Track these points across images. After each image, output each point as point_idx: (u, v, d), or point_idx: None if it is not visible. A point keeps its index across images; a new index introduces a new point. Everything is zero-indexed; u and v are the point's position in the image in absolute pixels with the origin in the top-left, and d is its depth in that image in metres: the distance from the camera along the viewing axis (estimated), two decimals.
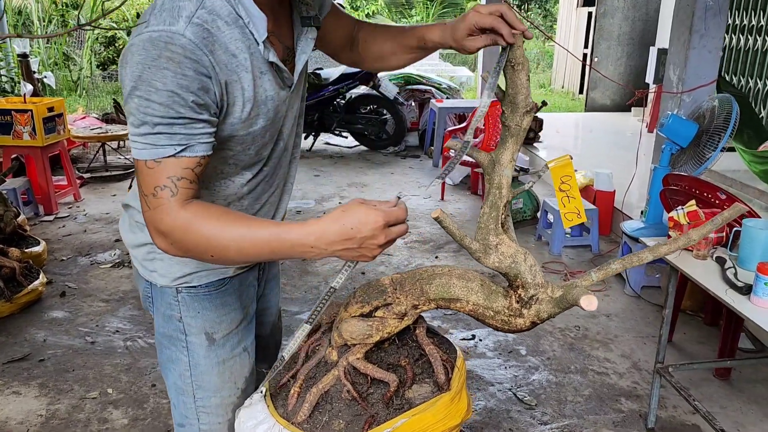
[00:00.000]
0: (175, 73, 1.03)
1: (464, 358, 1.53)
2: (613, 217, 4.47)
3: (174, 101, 1.03)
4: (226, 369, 1.43)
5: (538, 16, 16.73)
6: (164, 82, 1.02)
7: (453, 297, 1.39)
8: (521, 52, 1.27)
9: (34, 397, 2.64)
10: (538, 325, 1.38)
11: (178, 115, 1.04)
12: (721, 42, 3.66)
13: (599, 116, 8.87)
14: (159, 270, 1.34)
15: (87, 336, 3.13)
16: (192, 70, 1.04)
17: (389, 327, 1.44)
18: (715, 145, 3.17)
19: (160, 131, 1.05)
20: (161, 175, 1.06)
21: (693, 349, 3.06)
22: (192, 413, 1.45)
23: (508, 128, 1.36)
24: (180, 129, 1.06)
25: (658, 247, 1.29)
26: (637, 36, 9.26)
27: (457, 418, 1.38)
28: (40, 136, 4.72)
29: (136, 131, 1.06)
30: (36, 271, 3.54)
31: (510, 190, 1.39)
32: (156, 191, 1.07)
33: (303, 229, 1.08)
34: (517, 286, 1.36)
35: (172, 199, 1.07)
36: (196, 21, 1.05)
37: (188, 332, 1.38)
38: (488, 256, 1.36)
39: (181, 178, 1.07)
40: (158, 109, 1.03)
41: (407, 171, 6.40)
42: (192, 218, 1.07)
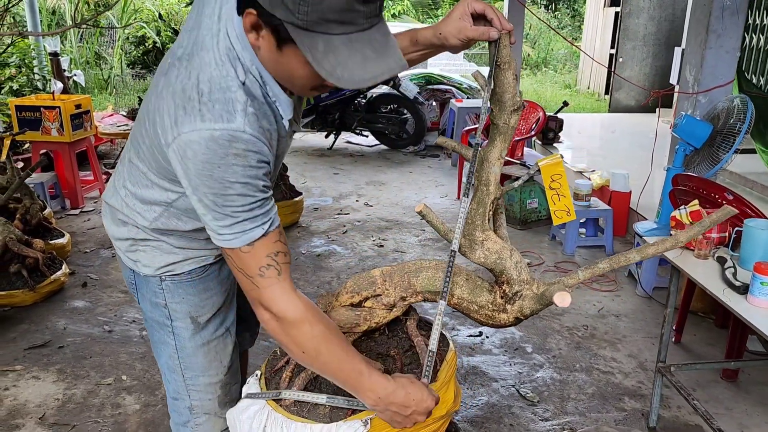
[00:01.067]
0: (244, 167, 1.09)
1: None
2: (629, 218, 4.45)
3: (248, 190, 1.11)
4: (211, 350, 1.50)
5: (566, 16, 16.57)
6: (236, 177, 1.09)
7: (438, 290, 1.43)
8: (507, 51, 1.28)
9: (52, 381, 2.75)
10: (521, 321, 1.40)
11: (255, 199, 1.13)
12: (738, 42, 3.62)
13: (623, 117, 8.78)
14: (142, 260, 1.41)
15: (105, 325, 3.24)
16: (256, 161, 1.11)
17: (377, 317, 1.49)
18: (729, 146, 3.14)
19: (245, 218, 1.13)
20: (260, 256, 1.15)
21: (702, 350, 3.04)
22: (183, 390, 1.53)
23: (497, 126, 1.38)
24: (259, 210, 1.14)
25: (645, 247, 1.30)
26: (663, 36, 9.14)
27: (442, 409, 1.42)
28: (68, 132, 4.87)
29: (219, 224, 1.14)
30: (59, 262, 3.66)
31: (498, 187, 1.42)
32: (262, 271, 1.16)
33: (382, 382, 1.23)
34: (502, 282, 1.40)
35: (281, 279, 1.17)
36: (250, 111, 1.10)
37: (173, 317, 1.46)
38: (474, 251, 1.40)
39: (278, 253, 1.17)
40: (237, 200, 1.11)
41: (426, 170, 6.43)
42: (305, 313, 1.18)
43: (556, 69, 14.81)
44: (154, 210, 1.34)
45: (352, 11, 0.97)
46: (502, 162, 1.40)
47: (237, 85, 1.11)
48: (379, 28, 1.03)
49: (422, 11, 16.50)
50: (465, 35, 1.27)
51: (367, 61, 1.01)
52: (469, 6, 1.25)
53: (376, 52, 1.02)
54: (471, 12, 1.26)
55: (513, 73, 1.32)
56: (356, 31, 1.00)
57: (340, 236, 4.53)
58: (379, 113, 6.99)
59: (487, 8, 1.26)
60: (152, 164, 1.26)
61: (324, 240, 4.44)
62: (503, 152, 1.39)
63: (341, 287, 1.53)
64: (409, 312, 1.59)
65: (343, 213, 5.04)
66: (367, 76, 1.01)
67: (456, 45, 1.30)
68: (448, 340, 1.58)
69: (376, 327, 1.51)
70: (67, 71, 6.53)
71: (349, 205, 5.23)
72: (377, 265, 3.99)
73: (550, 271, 3.95)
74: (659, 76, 9.15)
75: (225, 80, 1.10)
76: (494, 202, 1.40)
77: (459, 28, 1.27)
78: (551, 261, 4.09)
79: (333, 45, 0.99)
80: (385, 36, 1.04)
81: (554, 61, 15.29)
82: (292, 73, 1.11)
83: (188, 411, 1.56)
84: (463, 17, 1.26)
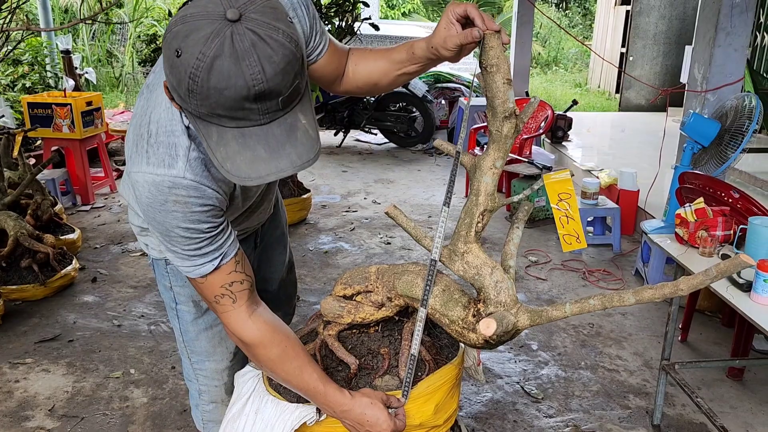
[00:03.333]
0: (185, 213, 1.11)
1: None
2: (637, 217, 4.43)
3: (191, 234, 1.13)
4: (215, 334, 1.53)
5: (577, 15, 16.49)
6: (177, 222, 1.12)
7: (414, 296, 1.39)
8: (496, 53, 1.18)
9: (61, 374, 2.78)
10: (493, 347, 1.30)
11: (200, 240, 1.15)
12: (747, 40, 3.60)
13: (633, 116, 8.74)
14: (150, 244, 1.47)
15: (114, 319, 3.28)
16: (199, 206, 1.12)
17: (363, 313, 1.47)
18: (737, 145, 3.13)
19: (193, 255, 1.16)
20: (214, 287, 1.20)
21: (708, 349, 3.04)
22: (191, 374, 1.59)
23: (490, 133, 1.29)
24: (208, 248, 1.17)
25: (643, 290, 1.19)
26: (674, 35, 9.09)
27: (415, 419, 1.38)
28: (79, 129, 4.92)
29: (171, 257, 1.19)
30: (69, 257, 3.71)
31: (491, 197, 1.31)
32: (217, 299, 1.22)
33: (338, 399, 1.29)
34: (479, 300, 1.31)
35: (236, 306, 1.22)
36: (193, 156, 1.11)
37: (178, 301, 1.51)
38: (453, 262, 1.33)
39: (233, 283, 1.21)
40: (181, 241, 1.14)
41: (434, 168, 6.43)
42: (260, 338, 1.25)
43: (566, 68, 14.75)
44: None
45: (242, 109, 0.92)
46: (497, 172, 1.30)
47: (181, 130, 1.11)
48: (281, 122, 0.96)
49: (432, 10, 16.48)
50: (453, 43, 1.20)
51: (256, 161, 0.96)
52: (452, 13, 1.19)
53: (269, 151, 0.96)
54: (456, 18, 1.19)
55: (503, 77, 1.20)
56: (251, 125, 0.95)
57: (347, 233, 4.55)
58: (388, 111, 7.00)
59: (468, 8, 1.19)
60: None
61: (332, 237, 4.46)
62: (497, 162, 1.28)
63: (339, 276, 1.54)
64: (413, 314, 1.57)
65: (351, 210, 5.06)
66: (254, 175, 0.97)
67: (448, 55, 1.23)
68: (458, 353, 1.53)
69: (362, 322, 1.49)
70: (78, 69, 6.60)
71: (357, 203, 5.25)
72: (384, 262, 4.01)
73: (557, 269, 3.95)
74: (670, 75, 9.10)
75: (171, 123, 1.11)
76: (483, 214, 1.31)
77: (445, 37, 1.20)
78: (558, 259, 4.08)
79: (225, 138, 0.96)
80: (289, 131, 0.97)
81: (565, 59, 15.23)
82: None
83: (198, 394, 1.62)
84: (449, 26, 1.19)
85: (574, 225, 1.40)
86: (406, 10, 15.88)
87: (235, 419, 1.43)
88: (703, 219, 2.27)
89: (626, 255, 4.14)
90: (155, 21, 10.88)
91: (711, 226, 2.25)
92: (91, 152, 5.40)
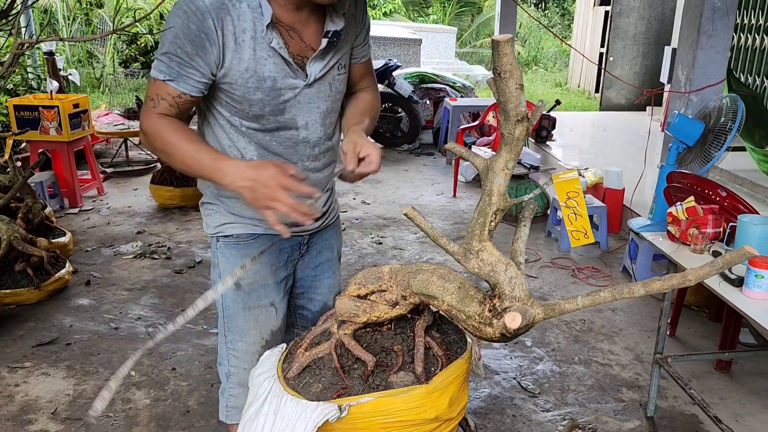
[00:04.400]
0: (183, 22, 1.34)
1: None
2: (623, 215, 4.54)
3: (175, 41, 1.36)
4: (252, 317, 1.62)
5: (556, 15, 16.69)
6: (175, 25, 1.35)
7: (431, 294, 1.44)
8: (509, 59, 1.23)
9: (62, 378, 2.79)
10: (509, 339, 1.35)
11: (175, 53, 1.36)
12: (728, 42, 3.71)
13: (614, 115, 8.90)
14: (207, 221, 1.63)
15: (111, 322, 3.28)
16: (195, 26, 1.34)
17: (378, 311, 1.52)
18: (721, 144, 3.23)
19: (162, 60, 1.38)
20: (152, 91, 1.42)
21: (696, 343, 3.13)
22: (224, 354, 1.67)
23: (503, 136, 1.33)
24: (174, 65, 1.38)
25: (652, 281, 1.24)
26: (653, 35, 9.26)
27: (431, 413, 1.43)
28: (66, 131, 4.89)
29: (156, 58, 1.42)
30: (62, 261, 3.70)
31: (503, 197, 1.36)
32: (146, 101, 1.45)
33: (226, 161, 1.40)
34: (494, 295, 1.36)
35: (153, 110, 1.43)
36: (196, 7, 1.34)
37: (222, 276, 1.61)
38: (468, 260, 1.37)
39: (163, 99, 1.41)
40: (166, 43, 1.37)
41: (421, 168, 6.50)
42: (160, 127, 1.42)
43: (546, 67, 14.93)
44: None
45: None
46: (509, 173, 1.36)
47: None
48: None
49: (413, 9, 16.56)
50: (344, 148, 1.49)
51: None
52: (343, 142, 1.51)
53: None
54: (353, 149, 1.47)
55: (516, 83, 1.25)
56: None
57: None
58: None
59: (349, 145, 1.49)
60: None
61: None
62: (509, 163, 1.34)
63: (353, 277, 1.59)
64: (423, 312, 1.62)
65: (341, 211, 5.10)
66: None
67: None
68: (467, 347, 1.57)
69: (377, 321, 1.54)
70: (62, 70, 6.54)
71: (346, 203, 5.29)
72: (377, 262, 4.06)
73: (547, 267, 4.03)
74: (649, 74, 9.27)
75: None
76: (496, 213, 1.36)
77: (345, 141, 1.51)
78: (548, 257, 4.17)
79: None
80: None
81: (544, 59, 15.41)
82: None
83: (225, 378, 1.68)
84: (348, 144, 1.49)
85: (582, 221, 1.46)
86: (387, 10, 15.93)
87: (253, 419, 1.47)
88: (693, 217, 2.35)
89: (613, 252, 4.24)
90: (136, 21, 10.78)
91: (701, 224, 2.34)
92: (78, 154, 5.36)
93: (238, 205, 1.57)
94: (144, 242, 4.36)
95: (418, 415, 1.41)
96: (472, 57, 15.11)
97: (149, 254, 4.16)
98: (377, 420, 1.40)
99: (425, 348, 1.53)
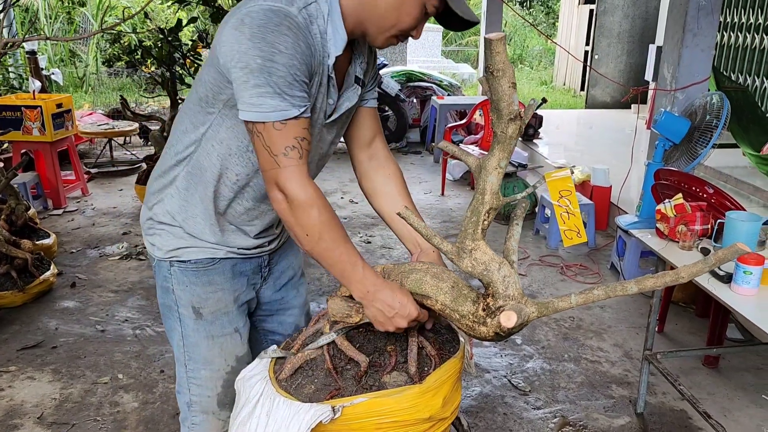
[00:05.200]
0: (294, 41, 1.17)
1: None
2: (610, 212, 4.56)
3: (294, 65, 1.17)
4: (216, 345, 1.54)
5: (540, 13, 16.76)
6: (286, 46, 1.16)
7: (424, 293, 1.43)
8: (502, 58, 1.23)
9: (47, 381, 2.75)
10: (503, 338, 1.35)
11: (297, 78, 1.19)
12: (713, 41, 3.74)
13: (600, 113, 8.95)
14: (156, 243, 1.48)
15: (97, 325, 3.24)
16: (304, 45, 1.20)
17: None
18: (707, 142, 3.25)
19: (283, 91, 1.18)
20: (289, 136, 1.20)
21: (684, 339, 3.16)
22: (185, 383, 1.57)
23: (495, 135, 1.33)
24: (298, 92, 1.20)
25: (644, 279, 1.24)
26: (637, 34, 9.33)
27: (425, 413, 1.42)
28: (49, 131, 4.83)
29: (261, 91, 1.17)
30: (47, 263, 3.65)
31: (496, 196, 1.36)
32: (287, 151, 1.20)
33: (372, 277, 1.32)
34: (488, 294, 1.36)
35: (301, 162, 1.22)
36: (305, 14, 1.21)
37: (179, 304, 1.51)
38: (462, 259, 1.36)
39: (303, 139, 1.22)
40: (281, 70, 1.16)
41: (409, 167, 6.49)
42: (316, 200, 1.23)
43: (532, 66, 14.98)
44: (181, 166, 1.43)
45: None
46: (501, 171, 1.35)
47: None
48: None
49: None
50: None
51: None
52: None
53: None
54: None
55: (508, 81, 1.26)
56: None
57: None
58: None
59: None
60: (191, 105, 1.39)
61: None
62: (502, 162, 1.34)
63: None
64: None
65: None
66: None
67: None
68: (459, 347, 1.57)
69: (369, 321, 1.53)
70: (44, 70, 6.46)
71: (334, 202, 5.27)
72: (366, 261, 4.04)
73: (535, 265, 4.04)
74: (633, 72, 9.33)
75: None
76: (489, 212, 1.36)
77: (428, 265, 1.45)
78: (536, 255, 4.18)
79: None
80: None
81: (530, 57, 15.47)
82: (402, 16, 1.27)
83: (186, 407, 1.59)
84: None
85: (575, 220, 1.46)
86: None
87: (245, 422, 1.45)
88: (682, 214, 2.37)
89: (601, 249, 4.26)
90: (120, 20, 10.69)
91: (690, 221, 2.35)
92: (61, 155, 5.30)
93: (199, 227, 1.44)
94: (130, 243, 4.32)
95: (412, 415, 1.40)
96: (458, 55, 15.14)
97: (135, 255, 4.12)
98: (371, 420, 1.39)
99: (418, 348, 1.52)
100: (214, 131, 1.37)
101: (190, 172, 1.42)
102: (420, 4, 1.27)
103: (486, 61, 1.28)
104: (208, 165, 1.40)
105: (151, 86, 8.86)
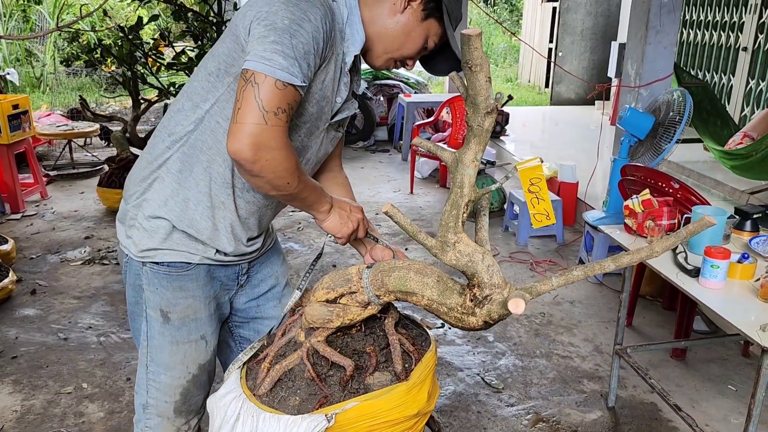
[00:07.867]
0: (323, 18, 1.22)
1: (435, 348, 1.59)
2: (577, 208, 4.61)
3: (317, 38, 1.21)
4: (180, 351, 1.50)
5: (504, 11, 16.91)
6: (316, 18, 1.20)
7: (409, 290, 1.43)
8: (479, 54, 1.26)
9: (8, 393, 2.65)
10: (491, 326, 1.40)
11: (312, 50, 1.21)
12: (675, 38, 3.81)
13: (564, 110, 9.06)
14: (134, 237, 1.43)
15: (60, 333, 3.14)
16: (329, 27, 1.24)
17: (351, 314, 1.49)
18: (671, 137, 3.30)
19: (299, 57, 1.19)
20: (284, 99, 1.20)
21: (652, 332, 3.20)
22: (143, 385, 1.53)
23: (471, 128, 1.36)
24: (308, 65, 1.21)
25: (620, 256, 1.26)
26: (600, 31, 9.47)
27: (413, 408, 1.41)
28: (5, 133, 4.67)
29: (278, 47, 1.17)
30: (5, 269, 3.52)
31: (473, 189, 1.38)
32: (278, 111, 1.20)
33: (330, 196, 1.46)
34: (473, 285, 1.38)
35: (286, 127, 1.23)
36: (328, 5, 1.26)
37: (148, 305, 1.47)
38: (446, 253, 1.38)
39: (293, 109, 1.24)
40: (305, 36, 1.19)
41: (377, 165, 6.47)
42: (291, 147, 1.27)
43: (496, 63, 15.10)
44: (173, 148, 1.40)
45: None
46: (477, 164, 1.38)
47: None
48: None
49: None
50: None
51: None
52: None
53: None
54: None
55: (485, 76, 1.29)
56: None
57: (296, 233, 4.52)
58: None
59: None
60: (195, 83, 1.38)
61: (280, 238, 4.42)
62: (478, 155, 1.37)
63: (318, 283, 1.54)
64: (389, 309, 1.61)
65: (297, 210, 5.03)
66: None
67: None
68: (430, 339, 1.60)
69: (350, 324, 1.52)
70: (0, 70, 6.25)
71: None
72: (335, 261, 4.01)
73: (505, 261, 4.06)
74: (597, 69, 9.47)
75: None
76: (468, 204, 1.40)
77: None
78: (506, 252, 4.20)
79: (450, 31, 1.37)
80: None
81: (494, 55, 15.59)
82: (408, 42, 1.38)
83: (142, 409, 1.55)
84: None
85: (545, 204, 1.53)
86: None
87: None
88: (649, 210, 2.39)
89: (569, 245, 4.30)
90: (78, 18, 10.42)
91: (657, 216, 2.38)
92: (18, 157, 5.13)
93: (190, 213, 1.41)
94: (93, 248, 4.20)
95: (402, 412, 1.40)
96: None
97: (98, 260, 4.00)
98: (363, 424, 1.37)
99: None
100: (220, 107, 1.34)
101: (186, 153, 1.38)
102: (424, 37, 1.38)
103: (464, 57, 1.29)
104: (211, 143, 1.36)
105: (112, 86, 8.66)
